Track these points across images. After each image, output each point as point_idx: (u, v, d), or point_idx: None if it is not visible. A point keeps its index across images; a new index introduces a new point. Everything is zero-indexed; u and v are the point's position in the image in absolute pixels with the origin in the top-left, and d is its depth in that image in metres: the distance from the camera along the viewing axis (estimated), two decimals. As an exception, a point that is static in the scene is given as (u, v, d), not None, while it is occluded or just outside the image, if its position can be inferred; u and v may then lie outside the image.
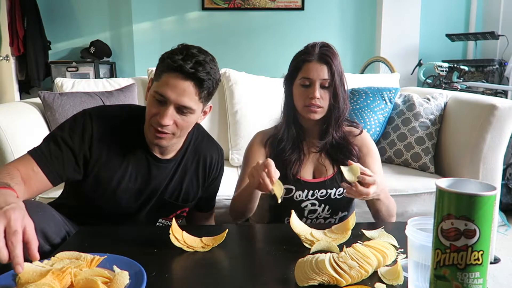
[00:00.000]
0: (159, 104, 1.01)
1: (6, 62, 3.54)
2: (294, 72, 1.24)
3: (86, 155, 1.05)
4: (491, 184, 0.58)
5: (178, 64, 0.96)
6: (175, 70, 0.97)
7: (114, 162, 1.08)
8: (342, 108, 1.23)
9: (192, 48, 1.01)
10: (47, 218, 0.94)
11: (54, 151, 1.02)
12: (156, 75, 1.03)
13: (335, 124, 1.25)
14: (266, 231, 1.15)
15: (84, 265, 0.74)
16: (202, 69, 0.98)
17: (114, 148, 1.08)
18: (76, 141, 1.04)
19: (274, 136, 1.31)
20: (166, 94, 0.98)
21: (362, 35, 3.93)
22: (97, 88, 2.10)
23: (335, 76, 1.19)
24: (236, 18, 3.86)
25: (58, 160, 1.02)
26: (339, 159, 1.26)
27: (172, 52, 1.00)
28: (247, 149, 1.34)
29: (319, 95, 1.19)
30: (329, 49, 1.21)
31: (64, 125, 1.07)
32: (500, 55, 3.46)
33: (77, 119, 1.07)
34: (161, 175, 1.14)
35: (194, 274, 0.82)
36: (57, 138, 1.03)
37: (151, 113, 1.02)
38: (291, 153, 1.26)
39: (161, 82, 1.00)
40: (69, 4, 3.78)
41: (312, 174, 1.29)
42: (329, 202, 1.26)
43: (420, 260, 0.69)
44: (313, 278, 0.73)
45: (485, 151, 1.70)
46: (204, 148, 1.19)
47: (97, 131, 1.06)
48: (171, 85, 0.98)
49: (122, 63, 3.88)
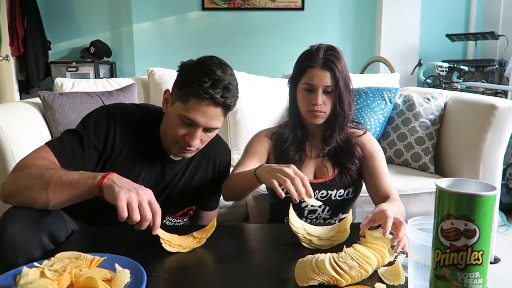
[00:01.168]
0: (187, 126, 1.04)
1: (6, 62, 3.54)
2: (298, 75, 1.22)
3: (109, 153, 1.06)
4: (491, 184, 0.58)
5: (210, 95, 0.99)
6: (205, 99, 1.00)
7: (131, 161, 1.09)
8: (347, 113, 1.22)
9: (215, 66, 1.01)
10: (56, 218, 0.95)
11: (77, 149, 1.02)
12: (181, 96, 1.02)
13: (339, 129, 1.24)
14: (266, 231, 1.15)
15: (84, 265, 0.74)
16: (229, 95, 1.02)
17: (132, 148, 1.09)
18: (102, 140, 1.05)
19: (279, 133, 1.30)
20: (196, 119, 1.01)
21: (362, 35, 3.93)
22: (97, 88, 2.10)
23: (339, 82, 1.16)
24: (236, 18, 3.86)
25: (79, 159, 1.02)
26: (341, 161, 1.25)
27: (198, 77, 0.99)
28: (251, 138, 1.33)
29: (322, 101, 1.17)
30: (334, 53, 1.18)
31: (88, 123, 1.06)
32: (500, 55, 3.46)
33: (101, 116, 1.07)
34: (172, 174, 1.16)
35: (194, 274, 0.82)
36: (82, 136, 1.03)
37: (179, 133, 1.04)
38: (294, 153, 1.26)
39: (190, 107, 1.01)
40: (69, 4, 3.78)
41: (313, 174, 1.28)
42: (330, 203, 1.25)
43: (420, 260, 0.69)
44: (313, 278, 0.73)
45: (485, 151, 1.70)
46: (214, 148, 1.21)
47: (120, 130, 1.07)
48: (201, 112, 1.01)
49: (122, 63, 3.88)
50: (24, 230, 0.87)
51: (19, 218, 0.89)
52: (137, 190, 0.85)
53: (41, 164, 0.93)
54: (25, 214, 0.89)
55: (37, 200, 0.89)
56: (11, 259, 0.85)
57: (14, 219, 0.88)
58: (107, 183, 0.86)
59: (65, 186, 0.88)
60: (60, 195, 0.88)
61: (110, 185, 0.85)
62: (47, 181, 0.88)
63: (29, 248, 0.87)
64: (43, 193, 0.88)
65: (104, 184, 0.86)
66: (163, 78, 2.16)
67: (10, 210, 0.91)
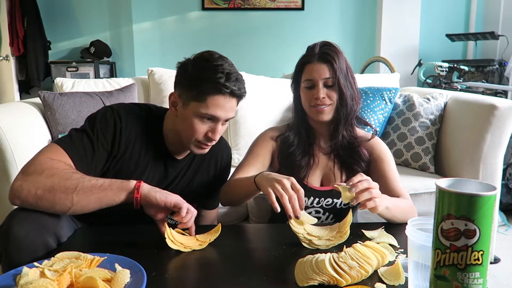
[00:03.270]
0: (207, 123, 1.05)
1: (6, 62, 3.54)
2: (298, 75, 1.23)
3: (115, 153, 1.07)
4: (491, 184, 0.58)
5: (230, 89, 1.01)
6: (223, 93, 1.01)
7: (135, 161, 1.10)
8: (350, 105, 1.19)
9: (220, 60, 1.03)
10: (61, 219, 0.95)
11: (88, 149, 1.02)
12: (195, 96, 1.02)
13: (345, 122, 1.22)
14: (266, 231, 1.15)
15: (84, 265, 0.74)
16: (242, 85, 1.05)
17: (137, 147, 1.09)
18: (109, 140, 1.05)
19: (285, 135, 1.29)
20: (216, 115, 1.03)
21: (362, 35, 3.93)
22: (97, 88, 2.10)
23: (338, 73, 1.16)
24: (236, 18, 3.86)
25: (92, 159, 1.02)
26: (348, 164, 1.24)
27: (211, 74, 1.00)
28: (256, 138, 1.32)
29: (324, 94, 1.17)
30: (330, 47, 1.19)
31: (95, 123, 1.05)
32: (500, 55, 3.46)
33: (107, 116, 1.07)
34: (175, 173, 1.17)
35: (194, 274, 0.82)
36: (92, 135, 1.03)
37: (201, 131, 1.05)
38: (301, 158, 1.24)
39: (208, 103, 1.02)
40: (69, 4, 3.78)
41: (320, 181, 1.27)
42: (334, 211, 1.24)
43: (420, 260, 0.69)
44: (313, 278, 0.73)
45: (485, 151, 1.70)
46: (216, 146, 1.20)
47: (125, 129, 1.07)
48: (221, 106, 1.02)
49: (122, 63, 3.89)
50: (30, 231, 0.87)
51: (24, 219, 0.89)
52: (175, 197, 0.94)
53: (63, 167, 0.93)
54: (30, 215, 0.89)
55: (57, 204, 0.88)
56: (16, 260, 0.85)
57: (19, 220, 0.88)
58: (143, 192, 0.92)
59: (94, 190, 0.89)
60: (86, 199, 0.89)
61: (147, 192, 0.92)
62: (73, 184, 0.88)
63: (34, 249, 0.87)
64: (68, 197, 0.88)
65: (140, 194, 0.92)
66: (163, 78, 2.16)
67: (15, 211, 0.91)
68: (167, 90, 2.10)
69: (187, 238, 0.93)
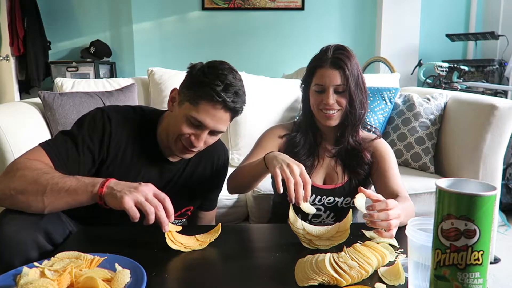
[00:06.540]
0: (193, 127, 1.03)
1: (6, 62, 3.54)
2: (309, 77, 1.22)
3: (104, 156, 1.05)
4: (491, 184, 0.58)
5: (223, 99, 0.99)
6: (217, 102, 1.00)
7: (128, 164, 1.08)
8: (358, 113, 1.20)
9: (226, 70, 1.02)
10: (52, 219, 0.94)
11: (71, 152, 1.00)
12: (191, 97, 1.02)
13: (351, 129, 1.23)
14: (266, 231, 1.15)
15: (84, 265, 0.74)
16: (240, 100, 1.03)
17: (129, 150, 1.08)
18: (96, 143, 1.04)
19: (291, 134, 1.29)
20: (204, 122, 1.01)
21: (362, 35, 3.93)
22: (97, 88, 2.10)
23: (349, 80, 1.15)
24: (236, 18, 3.86)
25: (74, 161, 1.01)
26: (351, 166, 1.24)
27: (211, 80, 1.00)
28: (263, 133, 1.32)
29: (334, 100, 1.16)
30: (343, 52, 1.17)
31: (83, 124, 1.05)
32: (500, 55, 3.46)
33: (96, 119, 1.05)
34: (170, 176, 1.16)
35: (194, 274, 0.82)
36: (77, 138, 1.02)
37: (184, 132, 1.03)
38: (306, 158, 1.24)
39: (199, 108, 1.01)
40: (69, 4, 3.78)
41: (323, 179, 1.27)
42: (335, 210, 1.25)
43: (420, 260, 0.69)
44: (313, 278, 0.73)
45: (485, 151, 1.70)
46: (212, 147, 1.20)
47: (115, 132, 1.06)
48: (211, 114, 1.01)
49: (122, 63, 3.89)
50: (20, 230, 0.87)
51: (15, 218, 0.88)
52: (137, 188, 0.86)
53: (36, 167, 0.91)
54: (21, 214, 0.89)
55: (32, 205, 0.88)
56: (6, 258, 0.85)
57: (10, 219, 0.88)
58: (107, 191, 0.86)
59: (62, 193, 0.87)
60: (56, 201, 0.87)
61: (110, 192, 0.85)
62: (43, 186, 0.87)
63: (25, 248, 0.87)
64: (39, 199, 0.87)
65: (104, 193, 0.86)
66: (163, 78, 2.16)
67: (6, 210, 0.91)
68: (167, 90, 2.10)
69: (187, 238, 0.93)
